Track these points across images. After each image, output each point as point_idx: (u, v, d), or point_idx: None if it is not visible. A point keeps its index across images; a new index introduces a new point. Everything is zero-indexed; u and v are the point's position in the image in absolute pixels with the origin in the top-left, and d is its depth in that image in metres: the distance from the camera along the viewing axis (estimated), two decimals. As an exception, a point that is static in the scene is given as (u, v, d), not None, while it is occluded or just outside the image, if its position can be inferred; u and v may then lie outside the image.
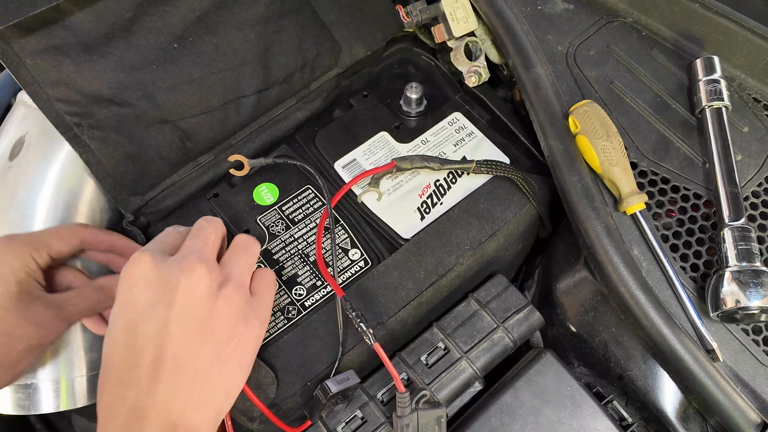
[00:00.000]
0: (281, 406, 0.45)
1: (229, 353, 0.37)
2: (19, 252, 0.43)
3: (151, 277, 0.37)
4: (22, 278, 0.43)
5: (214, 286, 0.38)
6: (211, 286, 0.37)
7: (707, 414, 0.49)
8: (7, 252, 0.43)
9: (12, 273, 0.42)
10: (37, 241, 0.44)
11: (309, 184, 0.54)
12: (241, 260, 0.41)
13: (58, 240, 0.45)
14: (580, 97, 0.53)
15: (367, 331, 0.43)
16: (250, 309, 0.39)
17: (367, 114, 0.59)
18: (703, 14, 0.55)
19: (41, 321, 0.42)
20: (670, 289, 0.47)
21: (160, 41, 0.49)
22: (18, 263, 0.42)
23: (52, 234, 0.45)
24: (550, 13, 0.58)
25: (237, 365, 0.38)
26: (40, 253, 0.44)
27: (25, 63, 0.45)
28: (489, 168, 0.53)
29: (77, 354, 0.51)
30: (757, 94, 0.55)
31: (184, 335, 0.36)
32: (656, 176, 0.51)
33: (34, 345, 0.42)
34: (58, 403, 0.50)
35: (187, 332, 0.36)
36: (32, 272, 0.43)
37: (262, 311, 0.40)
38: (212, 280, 0.37)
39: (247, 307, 0.39)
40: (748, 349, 0.46)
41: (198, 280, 0.37)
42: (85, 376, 0.51)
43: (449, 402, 0.49)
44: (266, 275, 0.43)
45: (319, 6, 0.56)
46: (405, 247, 0.50)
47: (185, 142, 0.52)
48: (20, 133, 0.51)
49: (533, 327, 0.52)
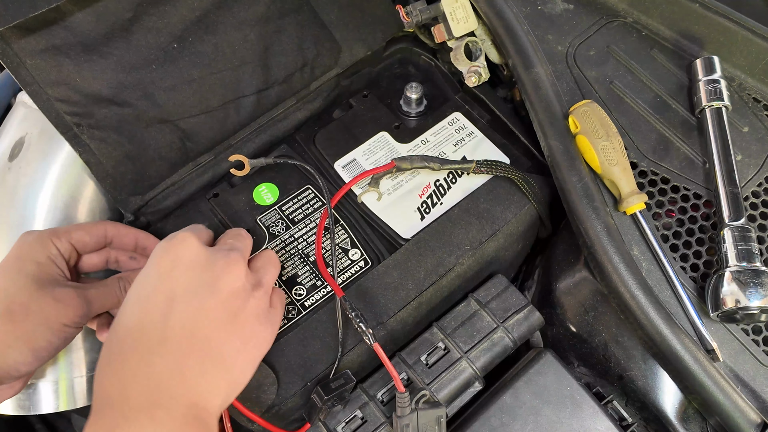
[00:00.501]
0: (281, 407, 0.45)
1: (248, 349, 0.39)
2: (40, 237, 0.43)
3: (196, 261, 0.38)
4: (42, 260, 0.43)
5: (249, 286, 0.40)
6: (246, 286, 0.40)
7: (707, 414, 0.49)
8: (28, 237, 0.44)
9: (31, 254, 0.42)
10: (59, 230, 0.45)
11: (309, 184, 0.54)
12: (270, 272, 0.43)
13: (79, 229, 0.46)
14: (580, 97, 0.53)
15: (366, 331, 0.43)
16: (269, 317, 0.41)
17: (367, 114, 0.59)
18: (703, 14, 0.55)
19: (59, 296, 0.42)
20: (670, 289, 0.47)
21: (159, 41, 0.49)
22: (38, 246, 0.43)
23: (74, 225, 0.46)
24: (550, 13, 0.58)
25: (250, 362, 0.40)
26: (60, 240, 0.44)
27: (25, 63, 0.45)
28: (489, 168, 0.53)
29: (77, 354, 0.51)
30: (757, 94, 0.55)
31: (219, 320, 0.37)
32: (656, 176, 0.51)
33: (52, 319, 0.42)
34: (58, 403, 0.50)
35: (221, 319, 0.38)
36: (53, 257, 0.43)
37: (276, 322, 0.43)
38: (248, 281, 0.40)
39: (267, 313, 0.41)
40: (748, 349, 0.46)
41: (239, 275, 0.39)
42: (84, 377, 0.51)
43: (449, 402, 0.49)
44: (281, 293, 0.45)
45: (319, 6, 0.56)
46: (405, 247, 0.50)
47: (185, 142, 0.52)
48: (20, 133, 0.51)
49: (533, 327, 0.52)
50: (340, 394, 0.44)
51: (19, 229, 0.48)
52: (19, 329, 0.41)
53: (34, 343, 0.41)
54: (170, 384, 0.35)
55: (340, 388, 0.44)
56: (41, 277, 0.42)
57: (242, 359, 0.39)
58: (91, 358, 0.51)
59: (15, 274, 0.42)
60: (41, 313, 0.41)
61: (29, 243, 0.43)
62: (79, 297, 0.43)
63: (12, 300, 0.41)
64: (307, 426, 0.46)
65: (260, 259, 0.44)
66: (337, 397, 0.44)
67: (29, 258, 0.42)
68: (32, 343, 0.41)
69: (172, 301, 0.37)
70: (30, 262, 0.42)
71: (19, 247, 0.43)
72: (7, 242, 0.49)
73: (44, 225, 0.49)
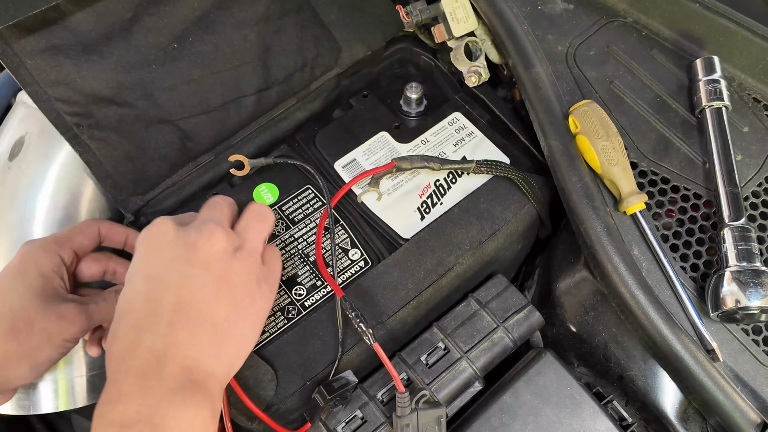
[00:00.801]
0: (280, 406, 0.45)
1: (242, 310, 0.39)
2: (43, 247, 0.43)
3: (173, 238, 0.39)
4: (47, 273, 0.43)
5: (230, 248, 0.40)
6: (228, 248, 0.40)
7: (707, 414, 0.49)
8: (34, 247, 0.43)
9: (36, 267, 0.42)
10: (62, 238, 0.45)
11: (309, 184, 0.54)
12: (255, 229, 0.43)
13: (79, 234, 0.46)
14: (580, 97, 0.53)
15: (366, 331, 0.43)
16: (262, 275, 0.41)
17: (367, 114, 0.59)
18: (703, 14, 0.55)
19: (63, 313, 0.42)
20: (670, 289, 0.47)
21: (159, 41, 0.49)
22: (42, 256, 0.43)
23: (74, 229, 0.46)
24: (550, 13, 0.58)
25: (249, 324, 0.40)
26: (64, 249, 0.44)
27: (25, 63, 0.45)
28: (489, 168, 0.53)
29: (77, 354, 0.51)
30: (757, 94, 0.55)
31: (204, 287, 0.38)
32: (656, 176, 0.51)
33: (55, 336, 0.42)
34: (58, 403, 0.50)
35: (206, 285, 0.38)
36: (56, 268, 0.44)
37: (272, 279, 0.42)
38: (229, 243, 0.40)
39: (260, 272, 0.41)
40: (748, 349, 0.46)
41: (216, 241, 0.39)
42: (84, 376, 0.51)
43: (449, 402, 0.49)
44: (274, 249, 0.45)
45: (319, 6, 0.56)
46: (405, 247, 0.50)
47: (185, 142, 0.52)
48: (20, 133, 0.51)
49: (533, 327, 0.52)
50: (342, 394, 0.44)
51: (20, 229, 0.48)
52: (23, 347, 0.41)
53: (36, 359, 0.42)
54: (160, 355, 0.35)
55: (342, 388, 0.44)
56: (46, 291, 0.42)
57: (238, 322, 0.39)
58: (90, 358, 0.51)
59: (20, 288, 0.42)
60: (45, 331, 0.41)
61: (32, 253, 0.43)
62: (80, 313, 0.44)
63: (17, 316, 0.41)
64: (308, 425, 0.46)
65: (243, 220, 0.43)
66: (339, 397, 0.44)
67: (34, 270, 0.42)
68: (34, 360, 0.42)
69: (156, 276, 0.37)
70: (35, 276, 0.42)
71: (23, 257, 0.43)
72: (7, 242, 0.49)
73: (44, 225, 0.49)
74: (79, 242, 0.46)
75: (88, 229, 0.47)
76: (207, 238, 0.39)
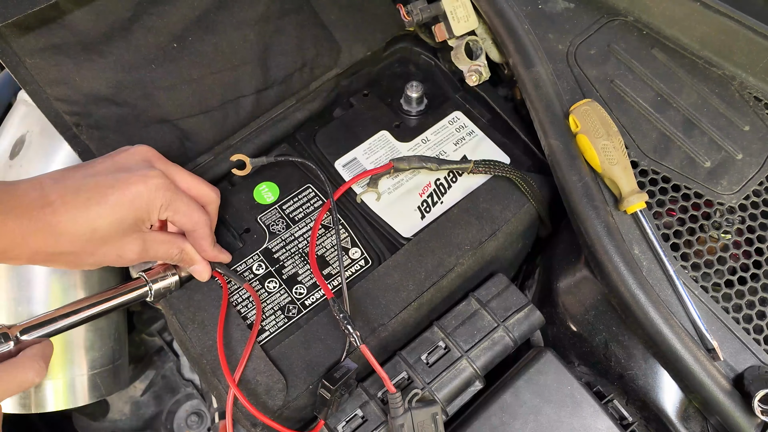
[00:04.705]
0: (283, 410, 0.44)
1: None
2: (157, 205, 0.42)
3: None
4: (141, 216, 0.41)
5: None
6: None
7: (708, 413, 0.49)
8: (153, 193, 0.42)
9: (142, 208, 0.41)
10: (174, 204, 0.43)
11: (309, 183, 0.54)
12: None
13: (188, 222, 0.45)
14: (581, 96, 0.53)
15: (354, 333, 0.43)
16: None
17: (367, 113, 0.59)
18: (704, 13, 0.55)
19: (128, 254, 0.42)
20: (670, 289, 0.47)
21: (159, 41, 0.49)
22: (151, 204, 0.41)
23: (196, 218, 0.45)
24: (550, 12, 0.58)
25: None
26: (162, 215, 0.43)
27: (24, 62, 0.45)
28: (487, 168, 0.53)
29: (78, 353, 0.51)
30: (758, 92, 0.55)
31: None
32: (657, 175, 0.51)
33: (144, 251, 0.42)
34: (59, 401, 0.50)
35: None
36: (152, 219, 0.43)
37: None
38: None
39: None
40: (749, 349, 0.46)
41: None
42: (85, 375, 0.51)
43: (449, 401, 0.49)
44: None
45: (319, 6, 0.56)
46: (405, 248, 0.50)
47: (184, 142, 0.52)
48: (21, 131, 0.51)
49: (534, 326, 0.51)
50: (345, 381, 0.44)
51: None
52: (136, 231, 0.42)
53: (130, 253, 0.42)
54: None
55: (344, 377, 0.44)
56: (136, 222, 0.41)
57: None
58: (91, 357, 0.51)
59: None
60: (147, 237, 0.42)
61: (150, 199, 0.41)
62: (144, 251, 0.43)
63: (141, 217, 0.41)
64: (321, 424, 0.46)
65: None
66: (343, 386, 0.44)
67: (143, 214, 0.41)
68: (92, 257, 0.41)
69: None
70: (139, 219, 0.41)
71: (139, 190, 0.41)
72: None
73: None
74: (179, 221, 0.44)
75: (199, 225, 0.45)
76: None
